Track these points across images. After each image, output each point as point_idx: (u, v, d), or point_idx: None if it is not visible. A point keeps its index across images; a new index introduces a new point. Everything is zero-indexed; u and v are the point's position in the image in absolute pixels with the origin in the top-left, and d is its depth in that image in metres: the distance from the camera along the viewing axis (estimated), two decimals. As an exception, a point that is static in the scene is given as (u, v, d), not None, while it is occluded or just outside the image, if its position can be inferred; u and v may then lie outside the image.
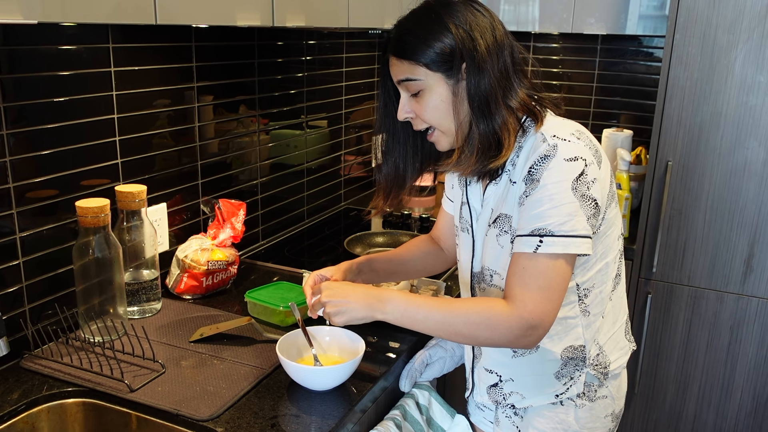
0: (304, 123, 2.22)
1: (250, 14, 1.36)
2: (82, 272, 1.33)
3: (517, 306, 1.07)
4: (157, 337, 1.41)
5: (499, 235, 1.19)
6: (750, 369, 2.20)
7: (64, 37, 1.34)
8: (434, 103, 1.14)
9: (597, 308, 1.22)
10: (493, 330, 1.08)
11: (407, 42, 1.13)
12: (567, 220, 1.07)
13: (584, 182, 1.08)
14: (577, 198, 1.07)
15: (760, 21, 1.96)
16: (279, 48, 2.01)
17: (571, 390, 1.24)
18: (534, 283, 1.08)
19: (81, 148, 1.41)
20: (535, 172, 1.09)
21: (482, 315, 1.08)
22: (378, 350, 1.40)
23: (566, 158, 1.08)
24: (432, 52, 1.11)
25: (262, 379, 1.26)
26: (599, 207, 1.11)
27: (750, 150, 2.05)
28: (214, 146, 1.81)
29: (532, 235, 1.08)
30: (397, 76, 1.17)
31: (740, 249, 2.12)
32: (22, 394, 1.19)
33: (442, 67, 1.12)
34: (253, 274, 1.81)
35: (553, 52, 2.87)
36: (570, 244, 1.07)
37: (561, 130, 1.12)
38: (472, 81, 1.11)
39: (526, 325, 1.07)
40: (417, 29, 1.13)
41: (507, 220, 1.17)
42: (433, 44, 1.11)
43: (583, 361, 1.23)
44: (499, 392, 1.29)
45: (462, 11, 1.12)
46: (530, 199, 1.09)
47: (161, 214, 1.65)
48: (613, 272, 1.24)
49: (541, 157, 1.09)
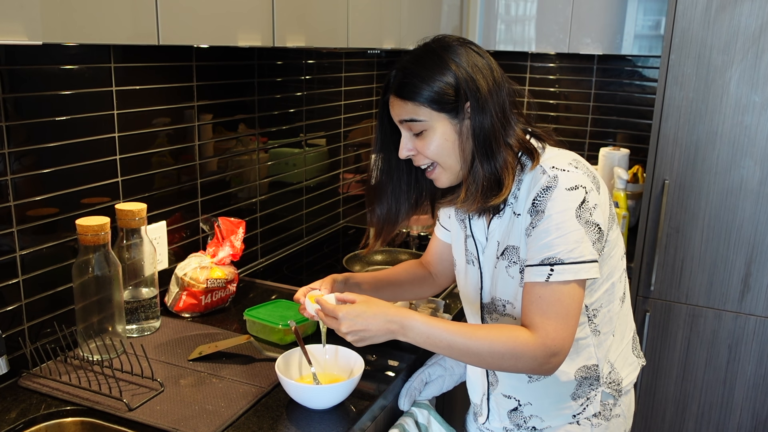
0: (303, 141, 2.23)
1: (251, 34, 1.37)
2: (82, 290, 1.33)
3: (540, 334, 1.09)
4: (156, 356, 1.41)
5: (509, 267, 1.20)
6: (749, 387, 2.20)
7: (66, 57, 1.36)
8: (438, 142, 1.16)
9: (607, 327, 1.24)
10: (518, 359, 1.09)
11: (410, 83, 1.15)
12: (575, 247, 1.09)
13: (587, 209, 1.11)
14: (582, 225, 1.10)
15: (754, 41, 1.99)
16: (278, 67, 2.03)
17: (588, 410, 1.25)
18: (552, 311, 1.09)
19: (82, 167, 1.42)
20: (539, 204, 1.12)
21: (507, 345, 1.09)
22: (377, 369, 1.40)
23: (567, 188, 1.11)
24: (435, 93, 1.13)
25: (261, 398, 1.26)
26: (602, 231, 1.14)
27: (746, 169, 2.07)
28: (214, 164, 1.82)
29: (542, 264, 1.10)
30: (400, 116, 1.18)
31: (737, 267, 2.13)
32: (20, 413, 1.18)
33: (446, 107, 1.14)
34: (252, 292, 1.81)
35: (550, 72, 2.89)
36: (580, 270, 1.09)
37: (559, 161, 1.15)
38: (476, 120, 1.14)
39: (549, 352, 1.08)
40: (420, 70, 1.15)
41: (515, 251, 1.19)
42: (437, 85, 1.13)
43: (597, 380, 1.24)
44: (519, 416, 1.30)
45: (462, 53, 1.15)
46: (537, 230, 1.12)
47: (161, 232, 1.65)
48: (620, 291, 1.26)
49: (543, 189, 1.11)
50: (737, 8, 1.99)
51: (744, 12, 1.98)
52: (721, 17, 2.01)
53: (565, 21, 2.54)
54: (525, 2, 2.63)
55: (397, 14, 2.00)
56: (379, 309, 1.15)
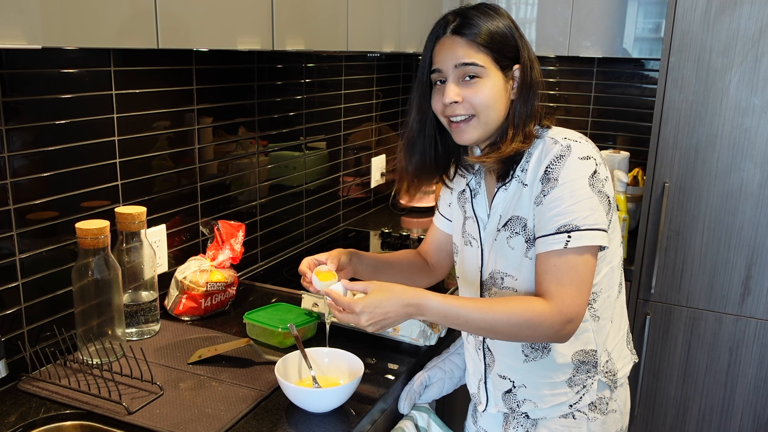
0: (303, 144, 2.23)
1: (251, 38, 1.37)
2: (81, 294, 1.33)
3: (556, 303, 1.11)
4: (156, 359, 1.41)
5: (510, 237, 1.21)
6: (750, 391, 2.19)
7: (66, 61, 1.36)
8: (489, 92, 1.18)
9: (606, 312, 1.25)
10: (535, 329, 1.11)
11: (476, 25, 1.17)
12: (590, 214, 1.12)
13: (599, 180, 1.14)
14: (595, 193, 1.13)
15: (753, 44, 1.99)
16: (278, 71, 2.03)
17: (584, 399, 1.25)
18: (567, 279, 1.12)
19: (81, 170, 1.42)
20: (551, 171, 1.14)
21: (524, 315, 1.11)
22: (377, 372, 1.39)
23: (580, 157, 1.14)
24: (501, 39, 1.17)
25: (261, 401, 1.26)
26: (611, 205, 1.17)
27: (746, 172, 2.07)
28: (214, 168, 1.82)
29: (558, 232, 1.12)
30: (460, 59, 1.17)
31: (738, 270, 2.13)
32: (20, 416, 1.18)
33: (503, 61, 1.18)
34: (252, 296, 1.81)
35: (550, 75, 2.89)
36: (596, 237, 1.12)
37: (570, 134, 1.19)
38: (523, 84, 1.20)
39: (565, 319, 1.11)
40: (485, 19, 1.18)
41: (519, 221, 1.20)
42: (501, 32, 1.18)
43: (595, 367, 1.25)
44: (513, 399, 1.30)
45: (522, 32, 1.23)
46: (549, 198, 1.14)
47: (160, 236, 1.65)
48: (618, 278, 1.28)
49: (556, 157, 1.14)
50: (736, 11, 1.99)
51: (743, 14, 1.99)
52: (720, 20, 2.02)
53: (564, 24, 2.54)
54: (525, 5, 2.63)
55: (397, 17, 2.01)
56: (393, 294, 1.14)
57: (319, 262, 1.30)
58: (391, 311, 1.13)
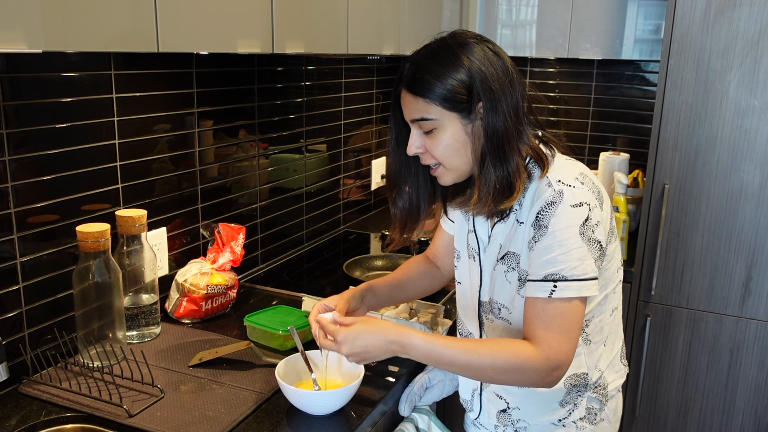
0: (304, 147, 2.23)
1: (251, 41, 1.38)
2: (82, 297, 1.34)
3: (543, 348, 1.09)
4: (156, 362, 1.41)
5: (507, 272, 1.21)
6: (750, 392, 2.19)
7: (66, 65, 1.36)
8: (447, 142, 1.14)
9: (597, 336, 1.24)
10: (522, 373, 1.09)
11: (423, 79, 1.12)
12: (578, 265, 1.09)
13: (590, 227, 1.10)
14: (585, 242, 1.10)
15: (753, 46, 1.99)
16: (278, 73, 2.04)
17: (573, 414, 1.26)
18: (555, 325, 1.09)
19: (82, 174, 1.42)
20: (542, 218, 1.11)
21: (510, 360, 1.09)
22: (377, 374, 1.39)
23: (572, 204, 1.10)
24: (448, 91, 1.11)
25: (262, 404, 1.26)
26: (603, 249, 1.14)
27: (746, 173, 2.07)
28: (214, 171, 1.82)
29: (545, 280, 1.10)
30: (411, 115, 1.16)
31: (738, 272, 2.13)
32: (21, 419, 1.19)
33: (458, 106, 1.12)
34: (253, 298, 1.81)
35: (550, 77, 2.90)
36: (582, 288, 1.10)
37: (565, 175, 1.14)
38: (489, 121, 1.12)
39: (552, 366, 1.08)
40: (433, 66, 1.12)
41: (514, 257, 1.19)
42: (449, 82, 1.11)
43: (585, 387, 1.25)
44: (507, 418, 1.31)
45: (477, 50, 1.13)
46: (539, 245, 1.11)
47: (161, 239, 1.66)
48: (613, 303, 1.26)
49: (547, 203, 1.11)
50: (736, 13, 1.99)
51: (743, 16, 1.99)
52: (720, 21, 2.02)
53: (564, 26, 2.54)
54: (525, 7, 2.63)
55: (397, 20, 2.01)
56: (377, 329, 1.14)
57: (328, 306, 1.30)
58: (372, 345, 1.13)
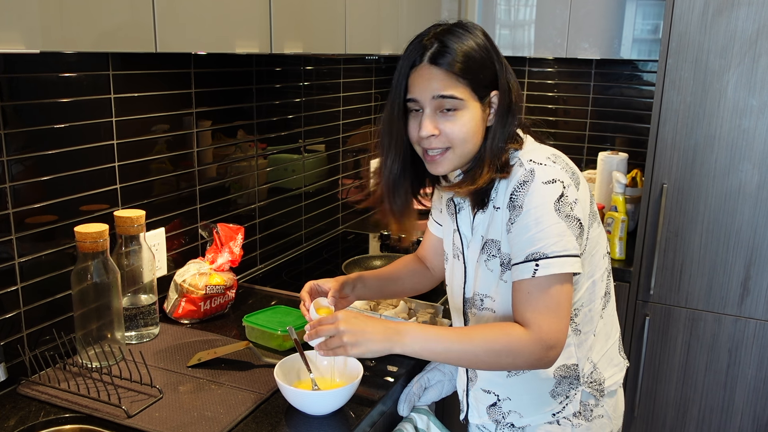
0: (302, 147, 2.23)
1: (249, 41, 1.38)
2: (80, 297, 1.34)
3: (534, 329, 1.09)
4: (155, 362, 1.41)
5: (488, 260, 1.21)
6: (749, 391, 2.19)
7: (64, 65, 1.36)
8: (469, 124, 1.14)
9: (587, 326, 1.24)
10: (516, 356, 1.09)
11: (463, 60, 1.11)
12: (557, 241, 1.09)
13: (566, 203, 1.10)
14: (562, 219, 1.10)
15: (750, 45, 1.99)
16: (277, 74, 2.04)
17: (567, 408, 1.25)
18: (543, 305, 1.09)
19: (80, 174, 1.42)
20: (516, 198, 1.11)
21: (502, 343, 1.09)
22: (376, 374, 1.40)
23: (544, 181, 1.10)
24: (478, 68, 1.13)
25: (260, 404, 1.26)
26: (583, 227, 1.14)
27: (744, 173, 2.07)
28: (213, 171, 1.82)
29: (527, 261, 1.10)
30: (439, 91, 1.12)
31: (737, 271, 2.13)
32: (19, 420, 1.18)
33: (480, 90, 1.14)
34: (251, 299, 1.81)
35: (548, 77, 2.90)
36: (565, 264, 1.09)
37: (537, 155, 1.15)
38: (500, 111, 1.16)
39: (546, 346, 1.09)
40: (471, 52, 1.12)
41: (494, 244, 1.19)
42: (485, 69, 1.14)
43: (577, 380, 1.24)
44: (498, 411, 1.30)
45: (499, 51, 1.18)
46: (516, 226, 1.12)
47: (160, 239, 1.65)
48: (602, 290, 1.26)
49: (519, 183, 1.11)
50: (734, 12, 2.00)
51: (740, 16, 1.99)
52: (717, 21, 2.02)
53: (563, 26, 2.54)
54: (523, 7, 2.64)
55: (395, 20, 2.01)
56: (377, 319, 1.15)
57: (321, 287, 1.31)
58: (370, 326, 1.12)
